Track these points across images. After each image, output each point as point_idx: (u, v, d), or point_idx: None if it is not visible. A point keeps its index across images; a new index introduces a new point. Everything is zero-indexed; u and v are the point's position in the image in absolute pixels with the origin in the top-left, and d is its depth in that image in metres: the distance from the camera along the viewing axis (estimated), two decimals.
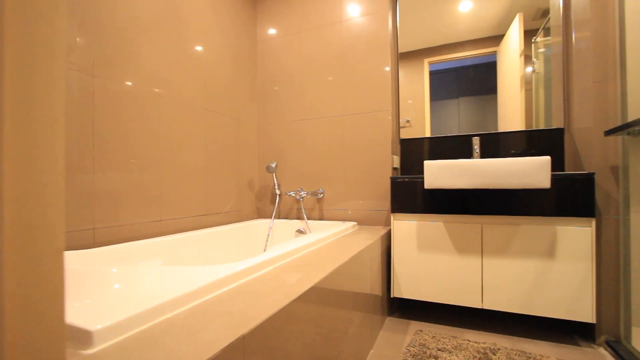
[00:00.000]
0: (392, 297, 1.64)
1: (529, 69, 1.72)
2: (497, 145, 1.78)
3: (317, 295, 0.85)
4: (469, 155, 1.83)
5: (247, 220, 2.09)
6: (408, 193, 1.60)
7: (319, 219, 2.10)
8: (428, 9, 1.94)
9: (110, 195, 1.28)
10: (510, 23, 1.76)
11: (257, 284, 0.84)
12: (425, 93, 1.96)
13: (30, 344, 0.21)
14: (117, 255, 1.17)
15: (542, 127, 1.69)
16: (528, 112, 1.72)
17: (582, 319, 1.30)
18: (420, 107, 1.97)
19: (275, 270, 0.98)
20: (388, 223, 1.91)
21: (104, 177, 1.26)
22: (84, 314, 0.58)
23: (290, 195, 2.13)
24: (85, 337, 0.52)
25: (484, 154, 1.80)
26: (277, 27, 2.24)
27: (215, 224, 1.84)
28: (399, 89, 2.02)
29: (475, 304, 1.47)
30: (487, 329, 1.50)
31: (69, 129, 1.14)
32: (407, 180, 1.60)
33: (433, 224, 1.55)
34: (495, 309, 1.43)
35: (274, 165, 2.04)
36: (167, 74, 1.54)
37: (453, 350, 1.28)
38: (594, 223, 1.30)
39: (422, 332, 1.45)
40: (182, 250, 1.44)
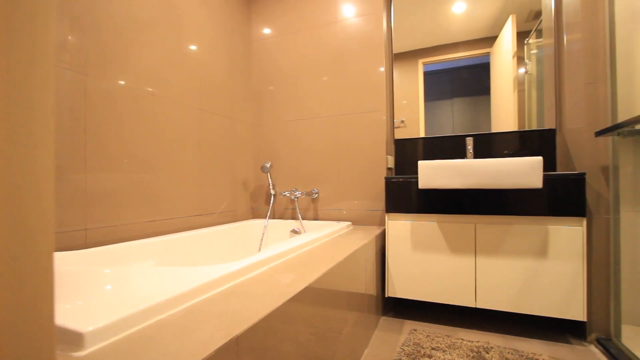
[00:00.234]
0: (386, 296, 1.65)
1: (522, 70, 1.74)
2: (490, 146, 1.80)
3: (311, 296, 0.85)
4: (463, 156, 1.85)
5: (241, 221, 2.09)
6: (402, 193, 1.61)
7: (314, 219, 2.10)
8: (422, 10, 1.95)
9: (103, 196, 1.26)
10: (504, 25, 1.78)
11: (251, 285, 0.84)
12: (420, 93, 1.97)
13: (19, 347, 0.21)
14: (109, 256, 1.15)
15: (534, 127, 1.71)
16: (521, 112, 1.74)
17: (573, 317, 1.32)
18: (415, 107, 1.98)
19: (270, 271, 0.98)
20: (382, 223, 1.91)
21: (96, 177, 1.24)
22: (76, 316, 0.58)
23: (285, 196, 2.13)
24: (77, 339, 0.51)
25: (478, 154, 1.82)
26: (271, 26, 2.24)
27: (210, 224, 1.83)
28: (394, 90, 2.03)
29: (469, 303, 1.48)
30: (480, 328, 1.51)
31: (61, 129, 1.13)
32: (401, 181, 1.61)
33: (427, 224, 1.56)
34: (489, 308, 1.45)
35: (269, 165, 2.04)
36: (160, 74, 1.53)
37: (447, 349, 1.29)
38: (585, 222, 1.32)
39: (416, 331, 1.46)
40: (175, 251, 1.43)
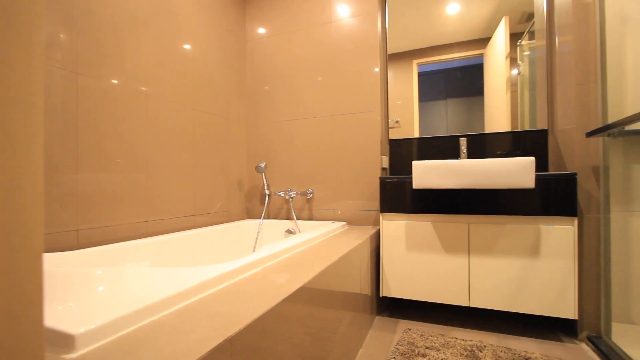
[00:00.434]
0: (381, 296, 1.65)
1: (515, 72, 1.76)
2: (483, 146, 1.81)
3: (306, 296, 0.85)
4: (457, 156, 1.86)
5: (236, 221, 2.08)
6: (397, 193, 1.62)
7: (309, 219, 2.10)
8: (417, 11, 1.96)
9: (95, 196, 1.25)
10: (497, 26, 1.79)
11: (245, 285, 0.84)
12: (414, 94, 1.98)
13: (6, 349, 0.21)
14: (101, 257, 1.14)
15: (527, 128, 1.73)
16: (513, 113, 1.76)
17: (564, 316, 1.34)
18: (409, 107, 1.99)
19: (264, 271, 0.97)
20: (377, 223, 1.92)
21: (88, 177, 1.23)
22: (67, 318, 0.57)
23: (280, 196, 2.12)
24: (68, 341, 0.51)
25: (471, 155, 1.83)
26: (266, 26, 2.23)
27: (204, 225, 1.82)
28: (388, 90, 2.04)
29: (463, 302, 1.49)
30: (474, 327, 1.52)
31: (51, 128, 1.11)
32: (395, 181, 1.62)
33: (421, 224, 1.57)
34: (482, 307, 1.46)
35: (263, 165, 2.03)
36: (154, 73, 1.52)
37: (441, 348, 1.30)
38: (576, 222, 1.34)
39: (410, 330, 1.46)
40: (169, 252, 1.42)
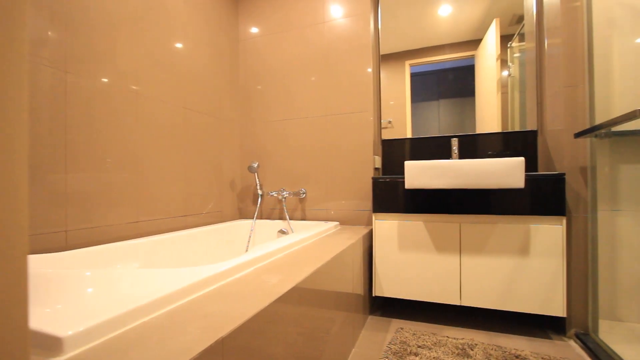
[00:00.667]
0: (373, 295, 1.66)
1: (505, 73, 1.78)
2: (475, 146, 1.83)
3: (298, 296, 0.85)
4: (448, 156, 1.88)
5: (228, 221, 2.06)
6: (389, 193, 1.62)
7: (302, 219, 2.10)
8: (409, 12, 1.98)
9: (84, 196, 1.23)
10: (488, 28, 1.82)
11: (238, 285, 0.83)
12: (407, 94, 1.99)
13: None
14: (90, 258, 1.12)
15: (517, 129, 1.76)
16: (504, 114, 1.78)
17: (553, 314, 1.36)
18: (402, 108, 2.00)
19: (257, 271, 0.97)
20: (370, 223, 1.93)
21: (77, 177, 1.21)
22: (55, 320, 0.56)
23: (273, 196, 2.12)
24: (55, 344, 0.50)
25: (463, 155, 1.85)
26: (259, 25, 2.22)
27: (196, 225, 1.81)
28: (381, 90, 2.05)
29: (454, 301, 1.50)
30: (465, 325, 1.54)
31: (39, 127, 1.09)
32: (388, 181, 1.62)
33: (413, 224, 1.58)
34: (473, 306, 1.48)
35: (256, 165, 2.03)
36: (145, 71, 1.50)
37: (433, 347, 1.31)
38: (565, 221, 1.36)
39: (403, 329, 1.47)
40: (160, 253, 1.40)
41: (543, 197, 1.38)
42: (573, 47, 1.40)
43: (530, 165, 1.72)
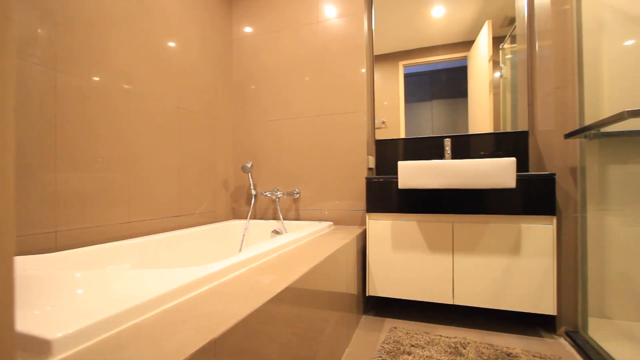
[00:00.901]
0: (367, 295, 1.66)
1: (497, 74, 1.80)
2: (467, 147, 1.85)
3: (292, 296, 0.85)
4: (442, 156, 1.89)
5: (222, 221, 2.05)
6: (383, 193, 1.63)
7: (295, 219, 2.09)
8: (403, 13, 1.99)
9: (75, 196, 1.21)
10: (480, 29, 1.83)
11: (231, 286, 0.83)
12: (400, 95, 2.00)
13: None
14: (81, 259, 1.11)
15: (508, 129, 1.78)
16: (496, 115, 1.80)
17: (544, 312, 1.38)
18: (396, 108, 2.01)
19: (250, 272, 0.97)
20: (363, 223, 1.93)
21: (68, 176, 1.19)
22: (44, 322, 0.55)
23: (266, 196, 2.11)
24: (44, 346, 0.49)
25: (455, 155, 1.87)
26: (253, 25, 2.22)
27: (189, 225, 1.79)
28: (375, 91, 2.06)
29: (447, 300, 1.52)
30: (458, 324, 1.55)
31: (27, 126, 1.07)
32: (381, 181, 1.63)
33: (407, 223, 1.59)
34: (466, 305, 1.49)
35: (250, 165, 2.02)
36: (137, 70, 1.48)
37: (426, 346, 1.32)
38: (555, 221, 1.38)
39: (396, 329, 1.48)
40: (153, 253, 1.39)
41: (534, 197, 1.40)
42: (563, 49, 1.42)
43: (522, 166, 1.74)
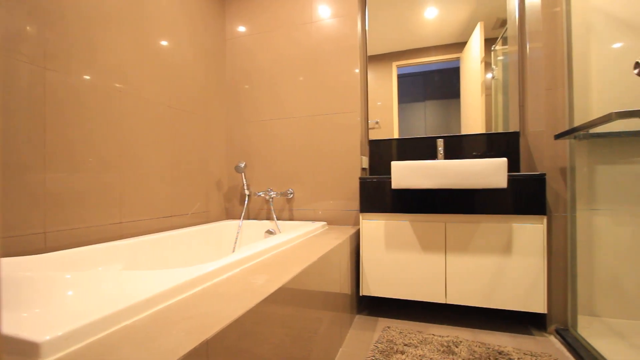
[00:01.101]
0: (361, 295, 1.67)
1: (489, 75, 1.82)
2: (460, 147, 1.87)
3: (285, 296, 0.85)
4: (434, 157, 1.91)
5: (215, 221, 2.04)
6: (376, 193, 1.64)
7: (289, 219, 2.09)
8: (396, 14, 2.00)
9: (64, 197, 1.19)
10: (472, 31, 1.85)
11: (224, 286, 0.83)
12: (394, 95, 2.01)
13: None
14: (71, 261, 1.09)
15: (500, 130, 1.80)
16: (488, 116, 1.82)
17: (535, 310, 1.40)
18: (389, 109, 2.02)
19: (244, 272, 0.96)
20: (357, 223, 1.94)
21: (57, 177, 1.17)
22: (32, 325, 0.54)
23: (260, 196, 2.10)
24: (32, 349, 0.48)
25: (448, 155, 1.88)
26: (246, 24, 2.21)
27: (182, 226, 1.78)
28: (368, 91, 2.06)
29: (440, 299, 1.53)
30: (450, 323, 1.56)
31: (15, 125, 1.05)
32: (375, 181, 1.64)
33: (400, 223, 1.60)
34: (458, 304, 1.50)
35: (243, 165, 2.01)
36: (129, 69, 1.46)
37: (419, 345, 1.32)
38: (545, 220, 1.40)
39: (389, 328, 1.49)
40: (145, 254, 1.38)
41: (525, 197, 1.42)
42: (553, 51, 1.44)
43: (513, 166, 1.77)
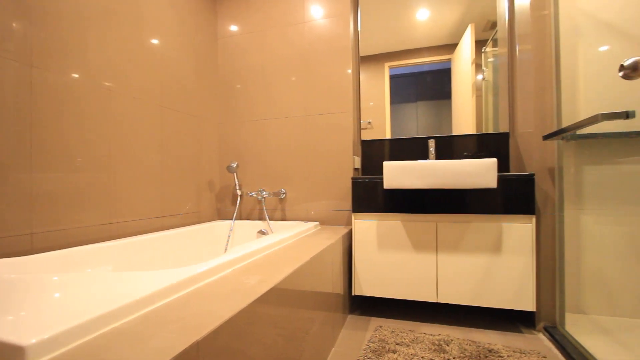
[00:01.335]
0: (353, 295, 1.67)
1: (480, 77, 1.84)
2: (451, 147, 1.89)
3: (277, 296, 0.85)
4: (426, 157, 1.92)
5: (207, 222, 2.02)
6: (368, 193, 1.64)
7: (281, 220, 2.08)
8: (388, 15, 2.01)
9: (52, 197, 1.17)
10: (463, 33, 1.87)
11: (216, 287, 0.82)
12: (386, 96, 2.02)
13: None
14: (59, 262, 1.07)
15: (490, 131, 1.82)
16: (478, 116, 1.84)
17: (524, 308, 1.42)
18: (381, 109, 2.03)
19: (236, 272, 0.96)
20: (349, 223, 1.94)
21: (44, 177, 1.15)
22: (17, 328, 0.53)
23: (252, 196, 2.09)
24: (17, 353, 0.47)
25: (439, 156, 1.90)
26: (239, 24, 2.19)
27: (173, 226, 1.76)
28: (361, 92, 2.07)
29: (431, 299, 1.54)
30: (441, 322, 1.58)
31: (0, 124, 1.03)
32: (367, 181, 1.64)
33: (392, 223, 1.60)
34: (449, 302, 1.52)
35: (235, 165, 2.00)
36: (119, 67, 1.44)
37: (410, 344, 1.33)
38: (534, 220, 1.42)
39: (381, 327, 1.49)
40: (135, 255, 1.36)
41: (514, 196, 1.44)
42: (542, 53, 1.46)
43: (503, 166, 1.79)
